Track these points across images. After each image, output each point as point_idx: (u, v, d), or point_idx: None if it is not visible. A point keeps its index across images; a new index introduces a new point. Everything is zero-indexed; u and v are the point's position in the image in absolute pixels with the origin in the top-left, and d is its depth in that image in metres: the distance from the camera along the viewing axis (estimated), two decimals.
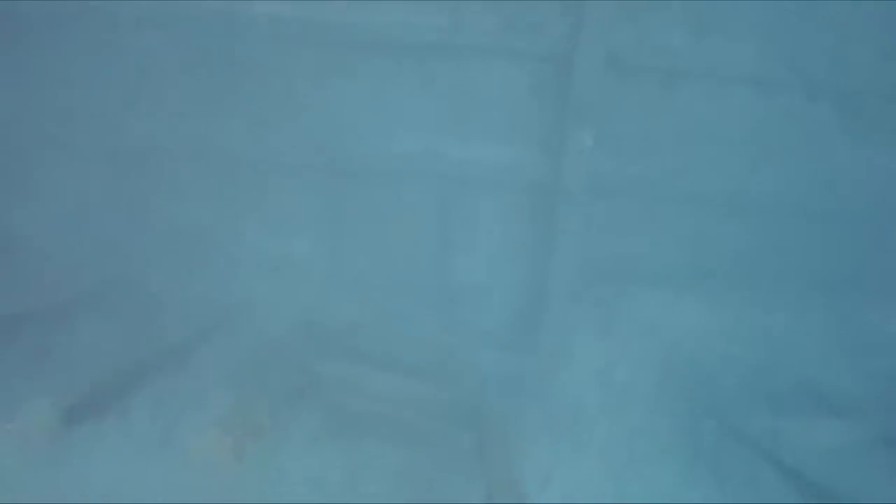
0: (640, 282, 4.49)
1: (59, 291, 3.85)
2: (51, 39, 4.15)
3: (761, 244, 4.46)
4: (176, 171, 4.27)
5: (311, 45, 4.13)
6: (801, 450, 3.75)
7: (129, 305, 3.96)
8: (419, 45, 4.12)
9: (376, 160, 4.21)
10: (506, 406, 3.70)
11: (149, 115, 4.18)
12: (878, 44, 4.14)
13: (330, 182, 4.26)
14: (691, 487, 3.92)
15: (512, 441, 3.27)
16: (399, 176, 4.25)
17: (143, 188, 4.22)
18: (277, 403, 3.33)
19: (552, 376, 4.20)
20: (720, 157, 4.27)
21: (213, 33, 4.08)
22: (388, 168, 4.22)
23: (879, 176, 4.35)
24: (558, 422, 4.06)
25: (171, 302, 4.18)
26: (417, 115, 4.25)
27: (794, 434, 3.74)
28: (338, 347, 3.74)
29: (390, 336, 4.10)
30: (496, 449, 3.02)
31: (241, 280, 4.22)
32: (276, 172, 4.24)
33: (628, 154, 4.23)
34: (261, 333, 3.87)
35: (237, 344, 3.81)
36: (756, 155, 4.26)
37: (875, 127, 4.28)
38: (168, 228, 4.27)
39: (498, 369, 4.18)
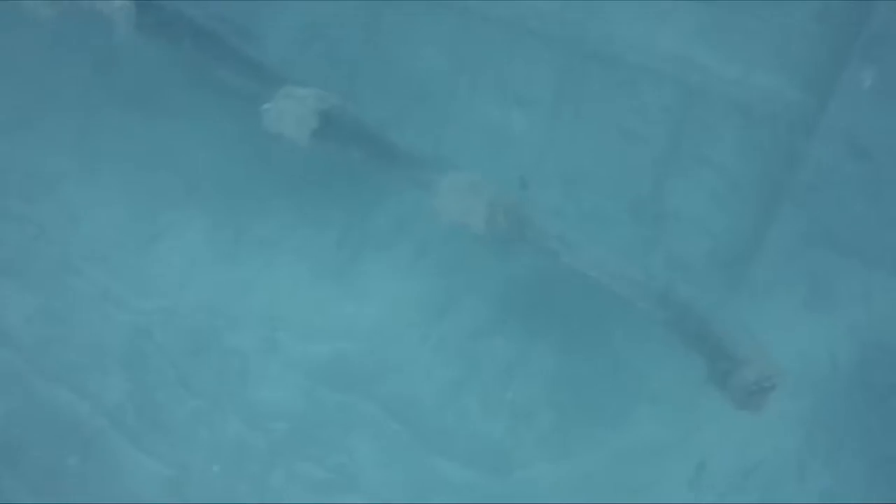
0: (865, 258, 4.05)
1: None
2: None
3: None
4: (418, 17, 4.13)
5: None
6: None
7: None
8: None
9: (625, 50, 3.92)
10: None
11: None
12: None
13: (569, 61, 4.01)
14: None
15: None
16: (644, 74, 3.95)
17: (385, 26, 4.11)
18: None
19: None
20: None
21: None
22: (635, 62, 3.92)
23: None
24: None
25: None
26: (683, 16, 3.92)
27: None
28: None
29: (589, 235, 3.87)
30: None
31: (452, 137, 4.07)
32: (518, 38, 4.02)
33: None
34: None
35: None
36: None
37: None
38: (397, 70, 4.16)
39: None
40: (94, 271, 3.98)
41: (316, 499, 3.68)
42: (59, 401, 3.80)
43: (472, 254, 4.10)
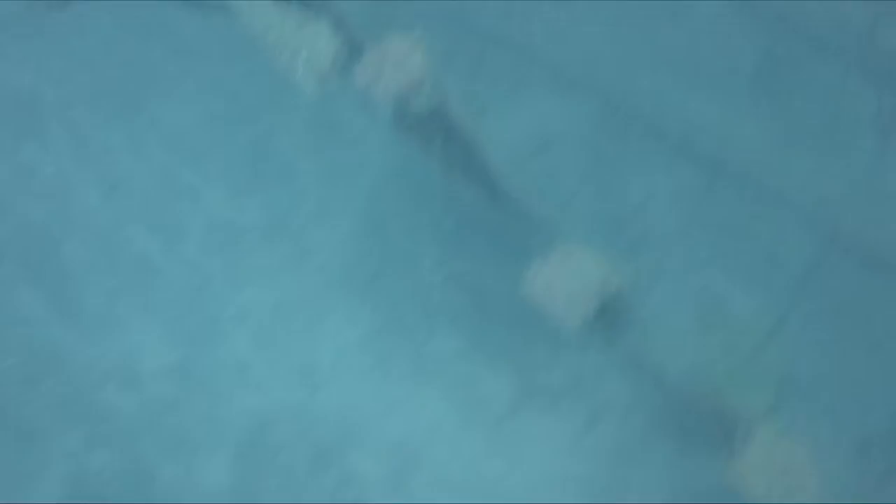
0: None
1: None
2: None
3: None
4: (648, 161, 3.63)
5: None
6: None
7: None
8: None
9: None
10: None
11: None
12: None
13: (823, 250, 3.32)
14: None
15: None
16: None
17: (609, 157, 3.64)
18: None
19: None
20: None
21: None
22: None
23: None
24: None
25: None
26: None
27: None
28: None
29: None
30: None
31: (657, 299, 3.46)
32: (767, 213, 3.40)
33: None
34: None
35: None
36: None
37: None
38: (609, 205, 3.66)
39: None
40: (242, 341, 3.66)
41: None
42: (160, 472, 3.46)
43: (652, 442, 3.42)
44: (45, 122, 3.96)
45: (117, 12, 3.79)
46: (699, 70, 3.48)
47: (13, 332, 3.72)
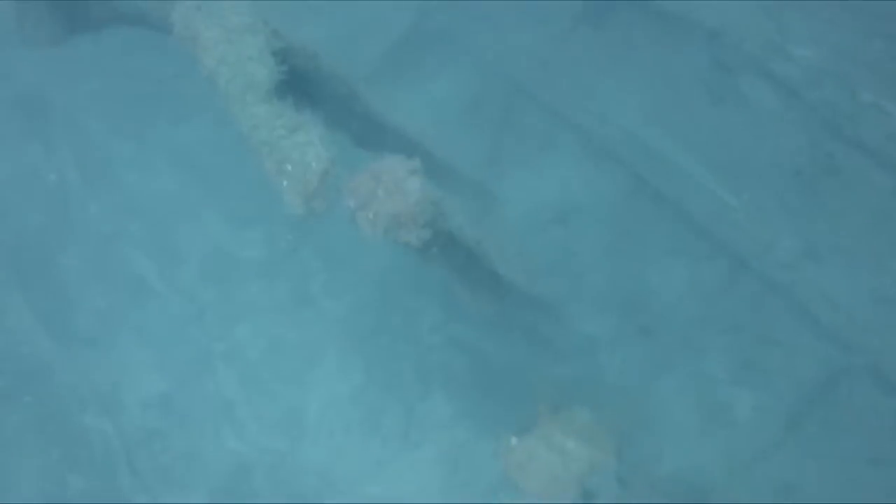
0: None
1: None
2: None
3: None
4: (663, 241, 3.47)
5: None
6: None
7: None
8: None
9: None
10: None
11: None
12: None
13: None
14: None
15: None
16: None
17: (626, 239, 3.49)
18: None
19: None
20: None
21: None
22: None
23: None
24: None
25: None
26: None
27: None
28: None
29: None
30: None
31: (659, 399, 3.32)
32: (787, 328, 3.25)
33: None
34: None
35: None
36: None
37: None
38: (625, 289, 3.51)
39: None
40: (230, 379, 3.56)
41: None
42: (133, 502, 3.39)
43: None
44: (50, 126, 3.84)
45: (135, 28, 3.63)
46: (739, 160, 3.30)
47: None
